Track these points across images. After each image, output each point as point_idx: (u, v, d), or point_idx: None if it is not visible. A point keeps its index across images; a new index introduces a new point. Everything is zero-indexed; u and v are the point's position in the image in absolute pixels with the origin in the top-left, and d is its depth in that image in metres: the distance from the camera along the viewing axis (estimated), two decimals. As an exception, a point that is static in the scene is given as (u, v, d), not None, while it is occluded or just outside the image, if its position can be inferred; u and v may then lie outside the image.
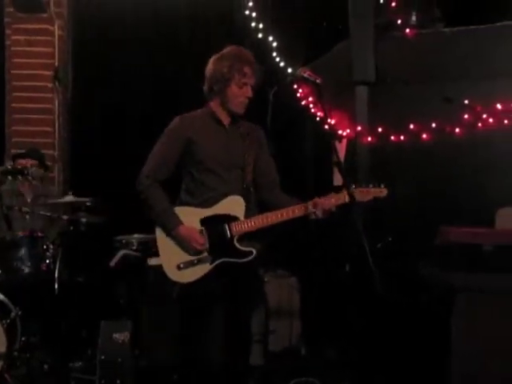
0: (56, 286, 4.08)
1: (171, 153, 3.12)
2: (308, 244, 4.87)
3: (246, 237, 3.08)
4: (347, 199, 2.95)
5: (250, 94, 3.10)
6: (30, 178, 4.20)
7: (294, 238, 4.46)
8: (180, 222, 3.05)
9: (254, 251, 3.04)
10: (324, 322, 4.61)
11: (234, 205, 3.06)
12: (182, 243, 3.05)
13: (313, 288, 4.82)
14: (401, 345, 3.63)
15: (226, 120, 3.17)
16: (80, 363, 4.10)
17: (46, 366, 4.04)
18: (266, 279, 4.76)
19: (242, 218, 3.05)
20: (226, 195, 3.07)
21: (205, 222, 3.06)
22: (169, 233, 3.07)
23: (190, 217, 3.06)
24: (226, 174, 3.11)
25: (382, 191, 3.02)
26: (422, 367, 3.42)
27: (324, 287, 4.62)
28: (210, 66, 3.16)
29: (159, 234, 3.12)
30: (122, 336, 3.74)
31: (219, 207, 3.06)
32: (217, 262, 3.04)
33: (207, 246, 3.04)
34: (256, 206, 3.16)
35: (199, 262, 3.04)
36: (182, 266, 3.04)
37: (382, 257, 3.83)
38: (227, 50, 3.16)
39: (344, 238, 4.11)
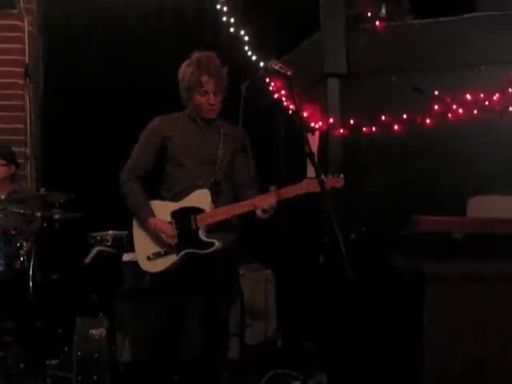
0: (30, 284, 4.06)
1: (148, 150, 3.27)
2: (282, 236, 4.91)
3: (218, 229, 3.15)
4: (304, 189, 3.03)
5: (212, 101, 3.17)
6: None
7: (267, 230, 4.48)
8: (151, 214, 3.19)
9: (217, 242, 3.11)
10: (299, 314, 4.64)
11: (200, 198, 3.15)
12: (153, 235, 3.18)
13: (288, 280, 4.85)
14: (375, 333, 3.66)
15: (202, 121, 3.26)
16: (56, 360, 4.11)
17: (21, 365, 4.03)
18: (240, 272, 4.79)
19: (207, 210, 3.13)
20: (194, 189, 3.16)
21: (174, 214, 3.18)
22: (142, 224, 3.22)
23: (163, 210, 3.21)
24: (197, 168, 3.20)
25: (339, 181, 3.03)
26: (396, 355, 3.46)
27: (299, 279, 4.65)
28: (179, 74, 3.24)
29: (135, 225, 3.29)
30: (98, 332, 3.74)
31: (187, 200, 3.17)
32: (182, 253, 3.15)
33: (175, 237, 3.14)
34: (231, 200, 3.20)
35: (166, 253, 3.17)
36: (151, 256, 3.19)
37: (355, 247, 3.88)
38: (193, 56, 3.23)
39: (317, 229, 4.14)
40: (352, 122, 4.23)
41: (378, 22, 4.24)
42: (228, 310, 3.45)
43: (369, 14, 4.28)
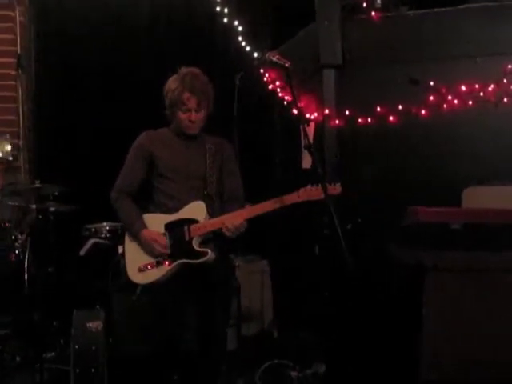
0: (26, 277, 4.04)
1: (136, 167, 3.29)
2: (278, 227, 4.91)
3: (211, 239, 3.18)
4: (302, 198, 3.06)
5: (193, 118, 3.19)
6: None
7: (263, 221, 4.48)
8: (144, 227, 3.20)
9: (210, 252, 3.12)
10: (296, 305, 4.65)
11: (195, 209, 3.17)
12: (146, 246, 3.19)
13: (284, 271, 4.86)
14: (373, 324, 3.69)
15: (186, 136, 3.28)
16: (53, 354, 4.09)
17: (18, 358, 4.02)
18: (237, 264, 4.80)
19: (202, 220, 3.15)
20: (187, 202, 3.18)
21: (168, 226, 3.20)
22: (134, 237, 3.22)
23: (156, 223, 3.22)
24: (187, 183, 3.23)
25: (336, 189, 3.03)
26: (394, 345, 3.48)
27: (295, 270, 4.66)
28: (164, 89, 3.26)
29: (127, 241, 3.29)
30: (95, 325, 3.73)
31: (182, 213, 3.19)
32: (175, 263, 3.16)
33: (169, 248, 3.16)
34: (221, 214, 3.20)
35: (159, 263, 3.17)
36: (142, 267, 3.19)
37: (351, 238, 3.89)
38: (180, 71, 3.24)
39: (314, 220, 4.15)
40: (347, 112, 4.23)
41: (373, 13, 4.23)
42: (226, 310, 3.48)
43: (364, 5, 4.27)
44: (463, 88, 4.08)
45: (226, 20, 5.01)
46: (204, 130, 3.35)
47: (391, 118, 4.17)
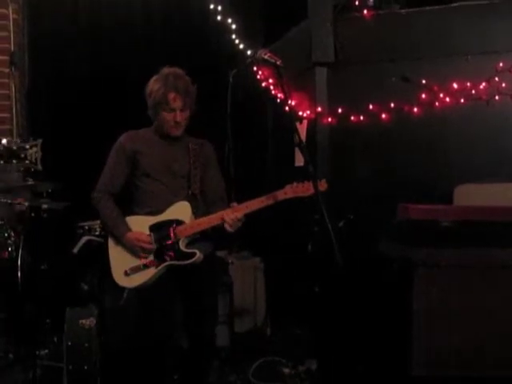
0: (19, 274, 4.04)
1: (120, 167, 3.24)
2: (270, 224, 4.92)
3: (196, 240, 3.19)
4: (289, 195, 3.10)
5: (178, 118, 3.17)
6: None
7: (256, 218, 4.49)
8: (128, 229, 3.17)
9: (198, 252, 3.11)
10: (288, 302, 4.67)
11: (180, 210, 3.15)
12: (131, 249, 3.16)
13: (277, 268, 4.87)
14: (364, 320, 3.70)
15: (168, 137, 3.26)
16: (46, 351, 4.09)
17: (11, 355, 4.02)
18: (230, 261, 4.81)
19: (188, 221, 3.13)
20: (172, 202, 3.16)
21: (153, 228, 3.17)
22: (119, 240, 3.19)
23: (139, 225, 3.19)
24: (171, 182, 3.21)
25: (322, 185, 3.03)
26: (385, 341, 3.50)
27: (287, 267, 4.67)
28: (147, 89, 3.23)
29: (110, 245, 3.25)
30: (88, 322, 3.73)
31: (167, 213, 3.17)
32: (161, 266, 3.14)
33: (155, 248, 3.13)
34: (205, 213, 3.21)
35: (145, 266, 3.15)
36: (128, 271, 3.16)
37: (343, 234, 3.91)
38: (161, 71, 3.22)
39: (306, 217, 4.16)
40: (340, 110, 4.25)
41: (365, 11, 4.25)
42: (214, 307, 3.47)
43: (356, 3, 4.29)
44: (455, 86, 4.10)
45: (219, 18, 5.02)
46: (194, 128, 3.34)
47: (383, 116, 4.19)
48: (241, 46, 4.97)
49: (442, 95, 4.12)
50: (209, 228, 3.14)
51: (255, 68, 4.86)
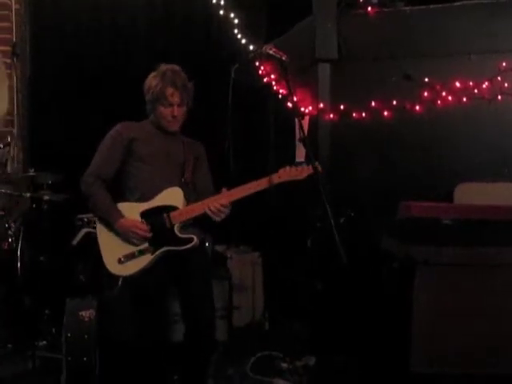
0: (19, 265, 4.05)
1: (115, 153, 3.21)
2: (270, 219, 4.93)
3: (192, 225, 3.17)
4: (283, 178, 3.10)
5: (175, 113, 3.19)
6: None
7: (255, 212, 4.50)
8: (121, 216, 3.14)
9: (195, 238, 3.11)
10: (287, 297, 4.68)
11: (173, 196, 3.14)
12: (124, 236, 3.13)
13: (275, 263, 4.88)
14: (364, 317, 3.71)
15: (164, 132, 3.28)
16: (45, 342, 4.09)
17: (10, 346, 4.02)
18: (228, 255, 4.82)
19: (181, 207, 3.12)
20: (163, 188, 3.15)
21: (144, 214, 3.15)
22: (111, 227, 3.15)
23: (131, 211, 3.16)
24: (165, 168, 3.21)
25: (317, 167, 3.00)
26: (385, 338, 3.51)
27: (286, 262, 4.68)
28: (144, 85, 3.25)
29: (100, 231, 3.20)
30: (87, 314, 3.73)
31: (158, 199, 3.15)
32: (158, 252, 3.12)
33: (150, 236, 3.11)
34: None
35: (140, 253, 3.12)
36: (122, 259, 3.12)
37: (344, 231, 3.92)
38: (159, 68, 3.23)
39: (307, 213, 4.17)
40: (342, 107, 4.25)
41: (369, 8, 4.25)
42: (209, 292, 3.39)
43: (360, 0, 4.29)
44: (457, 85, 4.11)
45: (222, 12, 5.01)
46: (195, 123, 3.35)
47: (385, 114, 4.20)
48: (243, 41, 4.97)
49: (444, 94, 4.13)
50: (202, 213, 3.11)
51: (257, 63, 4.86)
